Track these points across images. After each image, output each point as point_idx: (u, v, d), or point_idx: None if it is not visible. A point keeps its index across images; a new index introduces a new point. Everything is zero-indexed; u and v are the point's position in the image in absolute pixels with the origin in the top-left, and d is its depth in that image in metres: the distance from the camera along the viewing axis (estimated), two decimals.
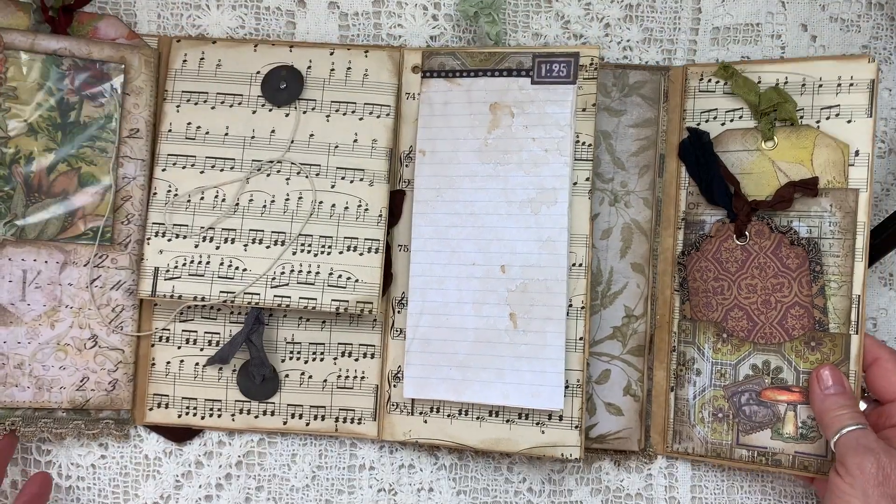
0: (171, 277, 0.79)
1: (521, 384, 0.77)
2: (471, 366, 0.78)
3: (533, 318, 0.78)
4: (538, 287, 0.78)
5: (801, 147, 0.77)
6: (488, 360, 0.78)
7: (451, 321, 0.79)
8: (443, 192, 0.79)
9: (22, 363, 0.79)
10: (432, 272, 0.80)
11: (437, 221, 0.80)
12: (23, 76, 0.79)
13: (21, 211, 0.79)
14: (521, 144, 0.78)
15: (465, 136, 0.79)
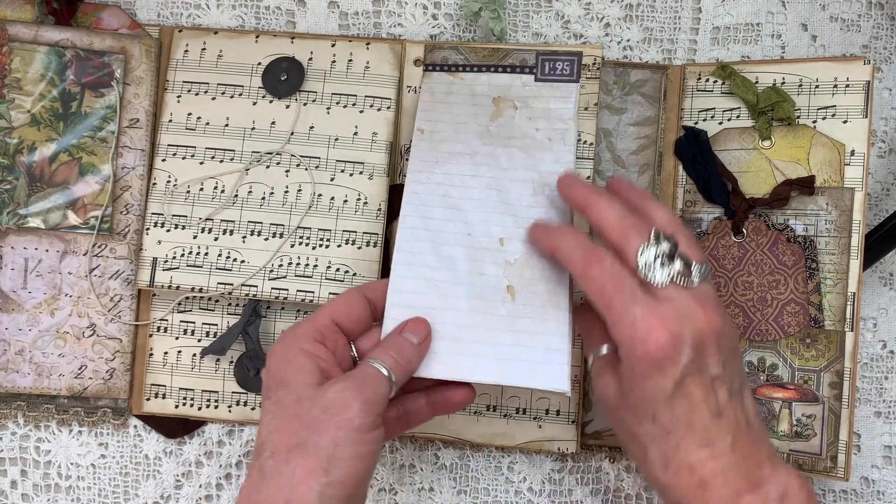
0: (170, 268, 0.79)
1: (519, 360, 0.68)
2: (462, 339, 0.69)
3: (534, 291, 0.70)
4: (541, 262, 0.71)
5: (798, 146, 0.77)
6: (482, 334, 0.69)
7: (441, 287, 0.71)
8: (440, 164, 0.76)
9: (22, 350, 0.80)
10: (422, 237, 0.72)
11: (432, 191, 0.75)
12: (26, 67, 0.80)
13: (23, 200, 0.79)
14: (524, 132, 0.77)
15: (466, 120, 0.78)
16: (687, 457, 0.60)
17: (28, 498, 0.82)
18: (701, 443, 0.60)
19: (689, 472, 0.60)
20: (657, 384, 0.60)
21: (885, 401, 0.83)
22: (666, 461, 0.60)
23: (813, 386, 0.76)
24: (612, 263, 0.63)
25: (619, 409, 0.63)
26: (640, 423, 0.61)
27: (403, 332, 0.67)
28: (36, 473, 0.82)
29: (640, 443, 0.62)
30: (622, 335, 0.61)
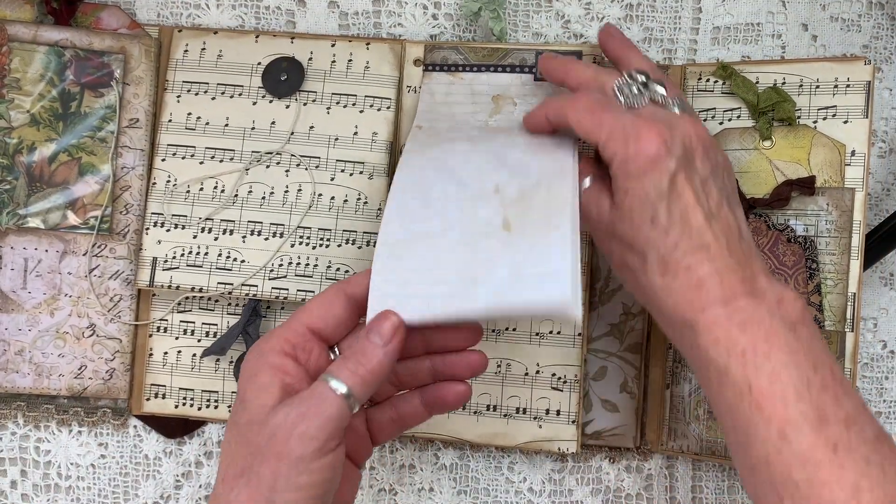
0: (170, 268, 0.79)
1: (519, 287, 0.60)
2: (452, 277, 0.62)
3: (531, 220, 0.63)
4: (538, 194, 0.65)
5: (799, 146, 0.77)
6: (479, 271, 0.62)
7: (432, 227, 0.65)
8: (436, 145, 0.73)
9: (22, 350, 0.80)
10: (414, 187, 0.68)
11: (425, 165, 0.70)
12: (26, 67, 0.80)
13: (23, 200, 0.79)
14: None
15: (465, 119, 0.78)
16: (684, 257, 0.60)
17: (28, 498, 0.82)
18: (697, 244, 0.60)
19: (686, 272, 0.59)
20: (653, 181, 0.60)
21: (886, 401, 0.83)
22: (664, 264, 0.60)
23: None
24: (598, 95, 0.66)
25: (615, 224, 0.63)
26: (639, 229, 0.61)
27: (368, 333, 0.60)
28: (36, 473, 0.82)
29: (639, 251, 0.61)
30: (615, 143, 0.62)
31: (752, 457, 0.55)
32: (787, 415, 0.54)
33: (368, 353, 0.59)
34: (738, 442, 0.57)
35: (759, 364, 0.55)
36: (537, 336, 0.79)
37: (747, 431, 0.55)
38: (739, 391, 0.56)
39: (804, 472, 0.52)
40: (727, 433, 0.59)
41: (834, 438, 0.53)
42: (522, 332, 0.80)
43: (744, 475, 0.57)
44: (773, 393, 0.54)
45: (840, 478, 0.52)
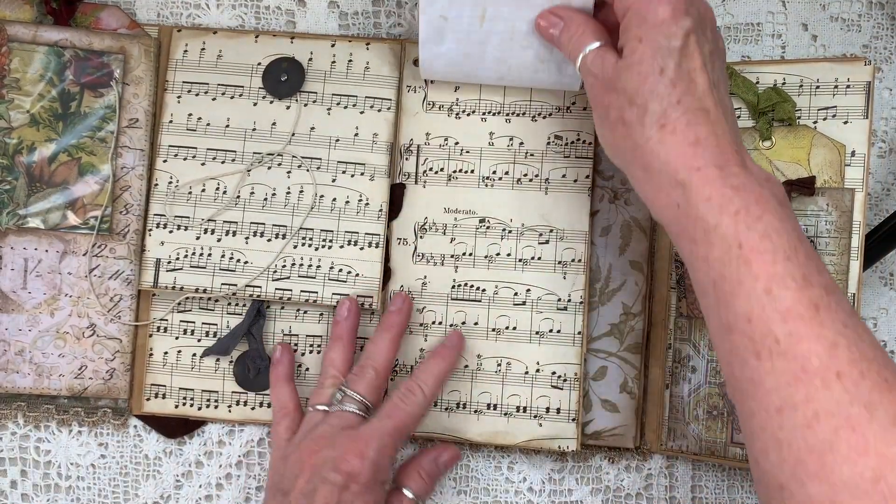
0: (173, 269, 0.79)
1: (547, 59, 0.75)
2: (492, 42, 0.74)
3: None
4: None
5: (799, 147, 0.77)
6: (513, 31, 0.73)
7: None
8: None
9: (22, 350, 0.80)
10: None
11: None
12: (25, 67, 0.79)
13: (23, 200, 0.79)
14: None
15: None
16: (685, 114, 0.60)
17: (28, 498, 0.82)
18: (699, 105, 0.61)
19: (685, 128, 0.60)
20: (668, 33, 0.61)
21: None
22: (664, 117, 0.60)
23: None
24: None
25: (620, 76, 0.63)
26: (645, 79, 0.61)
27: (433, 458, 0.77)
28: (36, 473, 0.82)
29: (640, 104, 0.61)
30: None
31: (732, 314, 0.56)
32: (775, 272, 0.54)
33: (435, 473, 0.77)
34: (718, 301, 0.57)
35: (750, 224, 0.56)
36: (537, 335, 0.80)
37: (732, 288, 0.56)
38: (728, 247, 0.56)
39: (785, 326, 0.53)
40: (705, 294, 0.59)
41: (816, 300, 0.54)
42: (522, 331, 0.80)
43: (718, 337, 0.58)
44: (764, 251, 0.55)
45: (819, 334, 0.53)
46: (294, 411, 0.78)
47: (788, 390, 0.53)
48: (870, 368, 0.52)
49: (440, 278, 0.81)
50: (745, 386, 0.56)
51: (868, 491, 0.49)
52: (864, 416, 0.50)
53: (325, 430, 0.73)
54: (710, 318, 0.59)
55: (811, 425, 0.51)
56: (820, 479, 0.51)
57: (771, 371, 0.54)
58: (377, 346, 0.77)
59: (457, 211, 0.81)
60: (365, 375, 0.75)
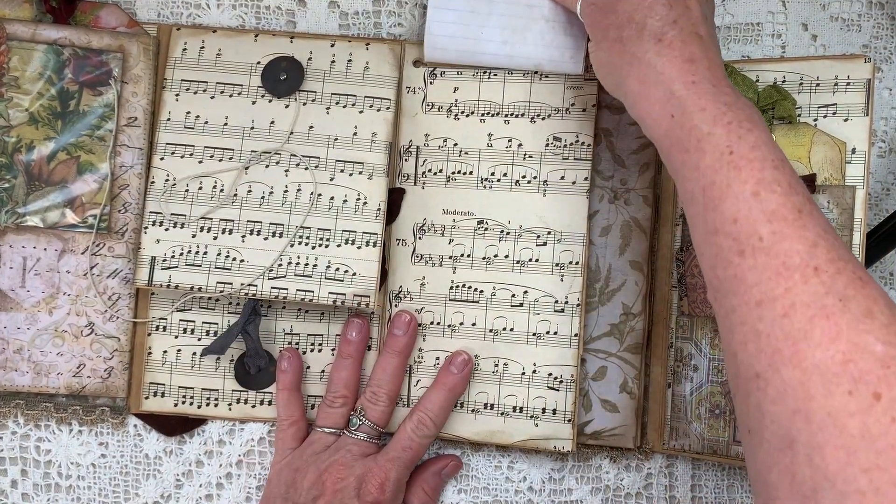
0: (169, 267, 0.79)
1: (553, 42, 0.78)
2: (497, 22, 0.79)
3: None
4: None
5: (799, 144, 0.77)
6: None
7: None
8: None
9: (21, 348, 0.80)
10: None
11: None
12: (24, 66, 0.80)
13: (22, 199, 0.79)
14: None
15: None
16: (680, 34, 0.64)
17: (28, 497, 0.82)
18: (692, 30, 0.64)
19: (681, 45, 0.63)
20: None
21: None
22: (662, 33, 0.64)
23: None
24: None
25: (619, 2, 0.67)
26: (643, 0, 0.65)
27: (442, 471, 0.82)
28: (36, 473, 0.82)
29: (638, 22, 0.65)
30: None
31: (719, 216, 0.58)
32: (763, 177, 0.57)
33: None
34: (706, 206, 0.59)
35: (742, 135, 0.59)
36: (534, 336, 0.79)
37: (720, 192, 0.58)
38: (720, 154, 0.59)
39: (770, 226, 0.56)
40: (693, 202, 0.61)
41: (799, 205, 0.56)
42: (520, 333, 0.80)
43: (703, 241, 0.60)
44: (753, 158, 0.58)
45: (801, 235, 0.55)
46: (300, 420, 0.80)
47: (769, 284, 0.55)
48: (846, 267, 0.54)
49: (438, 279, 0.81)
50: (727, 285, 0.58)
51: (837, 373, 0.51)
52: (837, 306, 0.52)
53: (344, 457, 0.76)
54: (695, 226, 0.61)
55: (788, 315, 0.53)
56: (793, 364, 0.53)
57: (753, 267, 0.56)
58: (387, 371, 0.79)
59: (455, 212, 0.81)
60: (379, 403, 0.78)
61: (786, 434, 0.53)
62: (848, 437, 0.50)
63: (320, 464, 0.76)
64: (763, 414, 0.54)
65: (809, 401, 0.51)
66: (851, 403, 0.50)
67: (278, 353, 0.81)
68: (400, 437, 0.77)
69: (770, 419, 0.54)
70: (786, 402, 0.53)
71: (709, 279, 0.60)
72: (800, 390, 0.52)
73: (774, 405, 0.53)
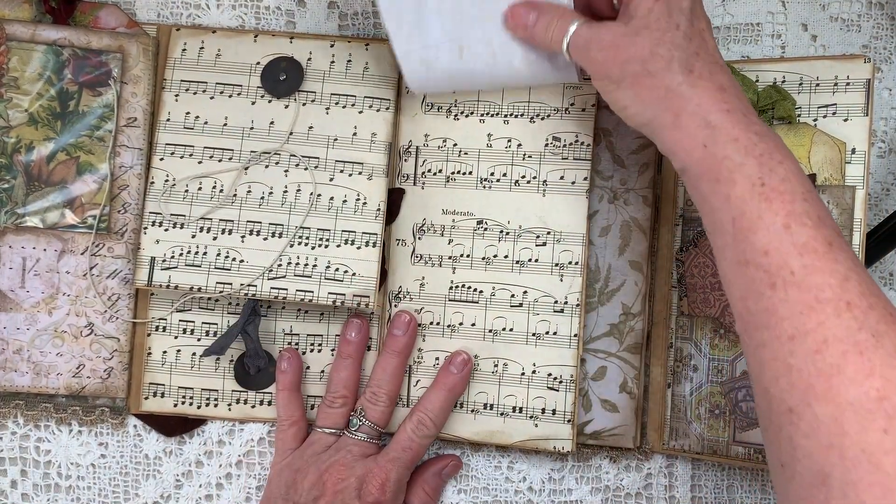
0: (168, 267, 0.79)
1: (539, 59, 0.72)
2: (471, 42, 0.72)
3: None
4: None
5: (799, 145, 0.77)
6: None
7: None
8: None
9: (21, 349, 0.80)
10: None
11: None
12: (24, 66, 0.80)
13: (21, 199, 0.79)
14: None
15: None
16: (705, 66, 0.63)
17: (28, 498, 0.82)
18: (713, 60, 0.64)
19: (709, 76, 0.63)
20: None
21: None
22: (690, 65, 0.63)
23: None
24: None
25: (636, 37, 0.64)
26: (664, 33, 0.63)
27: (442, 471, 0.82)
28: (36, 473, 0.82)
29: (663, 55, 0.63)
30: None
31: (750, 248, 0.58)
32: (794, 209, 0.57)
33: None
34: (736, 237, 0.60)
35: (772, 167, 0.59)
36: (534, 336, 0.79)
37: (751, 224, 0.58)
38: (752, 184, 0.59)
39: (801, 259, 0.56)
40: (722, 232, 0.61)
41: (829, 238, 0.57)
42: (519, 333, 0.80)
43: (733, 273, 0.60)
44: (784, 190, 0.58)
45: (833, 269, 0.55)
46: (300, 420, 0.80)
47: (801, 318, 0.55)
48: (878, 303, 0.55)
49: (438, 279, 0.81)
50: (758, 318, 0.58)
51: (872, 409, 0.51)
52: (871, 342, 0.53)
53: (344, 457, 0.76)
54: (724, 257, 0.61)
55: (821, 350, 0.54)
56: (827, 399, 0.53)
57: (785, 300, 0.56)
58: (387, 371, 0.79)
59: (455, 212, 0.81)
60: (379, 404, 0.78)
61: (819, 469, 0.53)
62: (883, 474, 0.50)
63: (321, 464, 0.76)
64: (795, 448, 0.54)
65: (843, 437, 0.52)
66: (887, 441, 0.51)
67: (278, 353, 0.81)
68: (400, 437, 0.77)
69: (803, 453, 0.54)
70: (819, 438, 0.53)
71: (738, 311, 0.60)
72: (833, 426, 0.52)
73: (807, 440, 0.54)
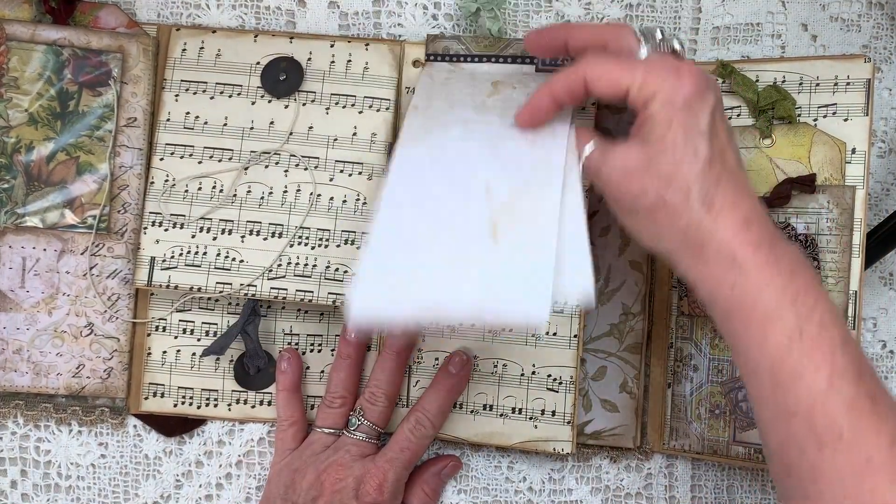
0: (168, 267, 0.79)
1: (499, 294, 0.63)
2: (439, 281, 0.64)
3: (518, 229, 0.65)
4: (527, 200, 0.66)
5: (799, 145, 0.77)
6: (462, 273, 0.64)
7: (420, 232, 0.65)
8: (431, 132, 0.71)
9: (20, 349, 0.80)
10: (407, 190, 0.67)
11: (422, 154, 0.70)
12: (24, 66, 0.80)
13: (21, 199, 0.79)
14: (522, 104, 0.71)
15: (462, 98, 0.75)
16: (727, 194, 0.60)
17: (28, 498, 0.82)
18: (736, 182, 0.61)
19: (732, 209, 0.60)
20: (698, 113, 0.61)
21: None
22: (710, 199, 0.60)
23: None
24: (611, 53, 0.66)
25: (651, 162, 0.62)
26: (681, 162, 0.61)
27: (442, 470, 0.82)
28: (36, 473, 0.82)
29: (681, 186, 0.60)
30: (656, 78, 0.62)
31: (793, 401, 0.57)
32: (835, 362, 0.56)
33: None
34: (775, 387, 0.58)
35: (809, 313, 0.57)
36: (533, 337, 0.79)
37: (792, 377, 0.57)
38: (790, 336, 0.57)
39: (849, 419, 0.55)
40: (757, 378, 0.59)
41: (872, 391, 0.55)
42: (518, 334, 0.80)
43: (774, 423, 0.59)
44: (823, 341, 0.56)
45: (880, 429, 0.54)
46: (300, 420, 0.80)
47: (854, 481, 0.54)
48: None
49: None
50: (802, 472, 0.57)
51: None
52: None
53: (342, 457, 0.76)
54: (761, 403, 0.60)
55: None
56: None
57: (833, 461, 0.55)
58: (386, 372, 0.78)
59: None
60: (378, 404, 0.78)
61: None
62: None
63: (319, 464, 0.76)
64: None
65: None
66: None
67: (278, 353, 0.81)
68: (398, 437, 0.77)
69: None
70: None
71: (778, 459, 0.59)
72: None
73: None
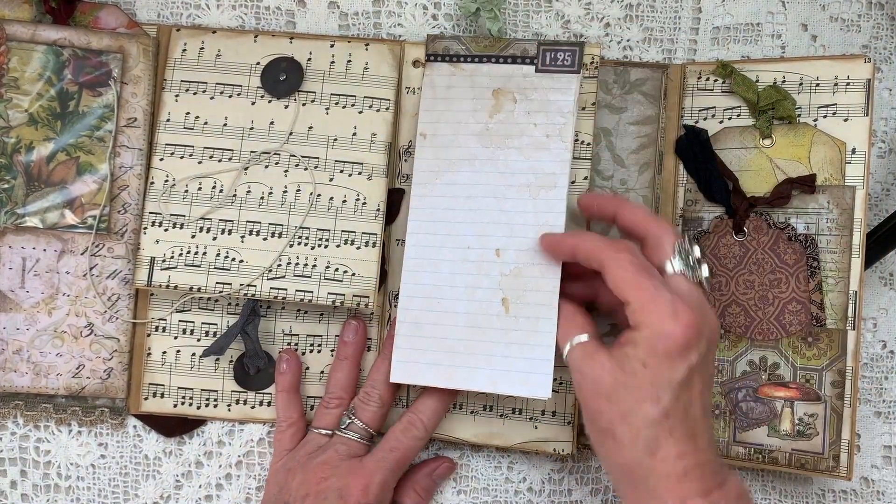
0: (168, 267, 0.79)
1: (509, 371, 0.73)
2: (460, 351, 0.75)
3: (526, 303, 0.74)
4: (533, 272, 0.74)
5: (799, 145, 0.77)
6: (478, 346, 0.74)
7: (443, 305, 0.76)
8: (442, 174, 0.77)
9: (20, 349, 0.80)
10: (426, 255, 0.77)
11: (435, 204, 0.77)
12: (24, 66, 0.80)
13: (21, 199, 0.79)
14: (522, 129, 0.77)
15: (466, 119, 0.78)
16: (676, 444, 0.62)
17: (28, 498, 0.82)
18: (689, 434, 0.63)
19: (674, 460, 0.62)
20: (674, 368, 0.63)
21: (885, 401, 0.83)
22: (656, 446, 0.62)
23: (815, 385, 0.76)
24: (639, 252, 0.67)
25: (616, 390, 0.64)
26: (641, 404, 0.63)
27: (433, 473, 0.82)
28: (35, 474, 0.82)
29: (633, 425, 0.63)
30: (651, 314, 0.63)
31: None
32: None
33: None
34: None
35: None
36: None
37: None
38: None
39: None
40: None
41: None
42: None
43: None
44: None
45: None
46: (299, 421, 0.80)
47: None
48: None
49: None
50: None
51: None
52: None
53: (331, 457, 0.75)
54: None
55: None
56: None
57: None
58: (381, 373, 0.78)
59: None
60: (371, 404, 0.77)
61: None
62: None
63: (308, 464, 0.76)
64: None
65: None
66: None
67: (277, 354, 0.81)
68: (388, 438, 0.77)
69: None
70: None
71: None
72: None
73: None
